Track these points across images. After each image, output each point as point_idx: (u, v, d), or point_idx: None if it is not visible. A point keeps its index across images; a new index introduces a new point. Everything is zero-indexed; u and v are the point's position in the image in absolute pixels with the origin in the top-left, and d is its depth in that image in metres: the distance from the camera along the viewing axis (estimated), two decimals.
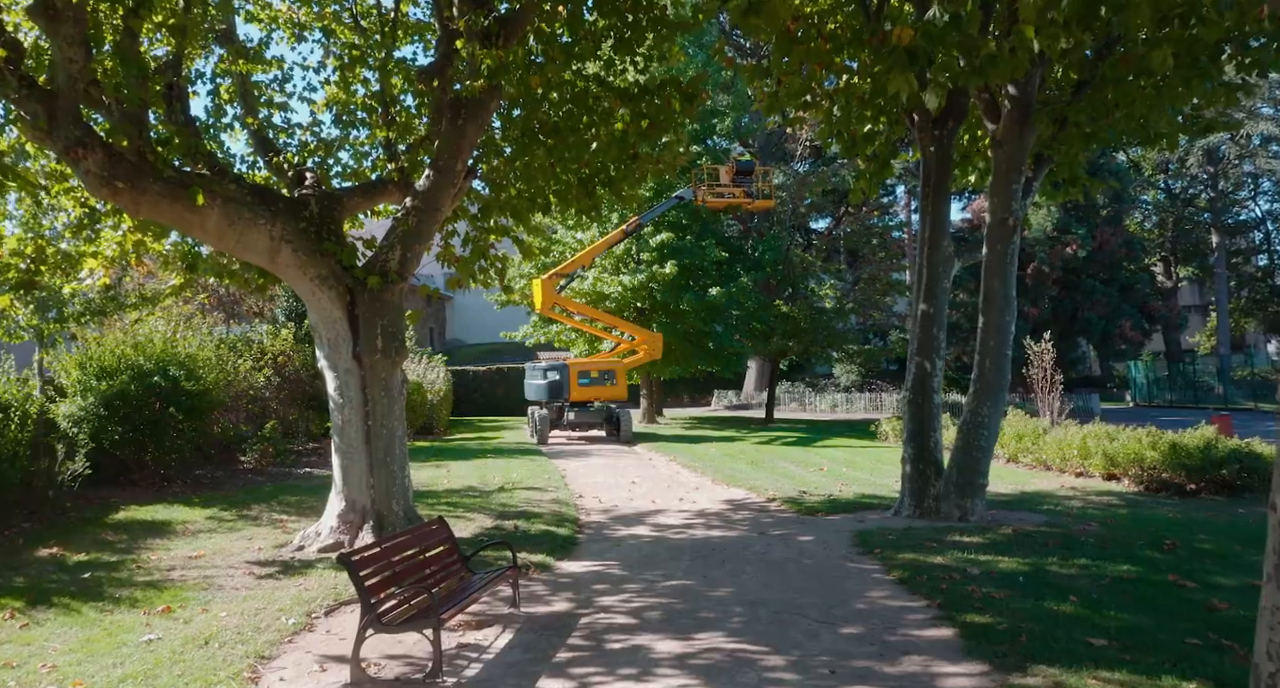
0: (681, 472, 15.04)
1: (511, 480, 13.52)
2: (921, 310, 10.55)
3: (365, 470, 9.33)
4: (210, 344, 16.45)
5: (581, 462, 16.58)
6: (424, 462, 16.32)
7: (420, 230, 9.63)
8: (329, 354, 9.44)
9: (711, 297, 23.09)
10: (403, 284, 9.51)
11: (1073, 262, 29.76)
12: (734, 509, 11.17)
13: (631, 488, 13.11)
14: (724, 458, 16.65)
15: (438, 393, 24.13)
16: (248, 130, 11.22)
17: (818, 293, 27.37)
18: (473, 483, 13.40)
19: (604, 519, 10.68)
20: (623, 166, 10.47)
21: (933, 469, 10.21)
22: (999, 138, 9.76)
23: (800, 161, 31.83)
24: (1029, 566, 7.73)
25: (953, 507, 9.88)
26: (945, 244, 10.58)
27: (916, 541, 8.72)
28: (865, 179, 11.15)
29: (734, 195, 23.57)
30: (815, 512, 10.66)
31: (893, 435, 20.14)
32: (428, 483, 13.48)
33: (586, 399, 20.48)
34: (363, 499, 9.34)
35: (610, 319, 22.16)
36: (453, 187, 9.71)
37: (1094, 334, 30.76)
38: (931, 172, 10.63)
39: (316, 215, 9.50)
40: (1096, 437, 13.94)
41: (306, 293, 9.30)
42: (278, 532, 10.08)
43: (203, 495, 12.73)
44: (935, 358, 10.44)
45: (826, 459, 16.56)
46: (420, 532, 6.85)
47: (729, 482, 13.41)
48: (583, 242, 23.93)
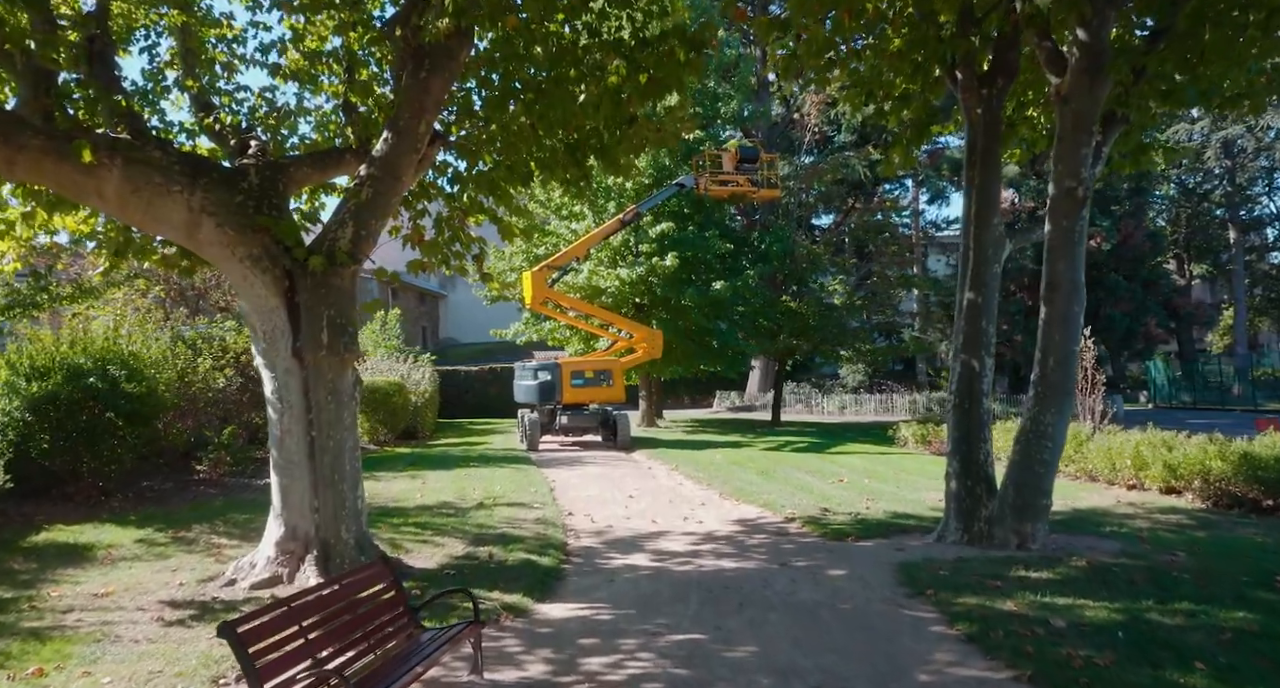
0: (685, 483, 13.48)
1: (493, 495, 11.96)
2: (967, 300, 9.00)
3: (308, 491, 7.78)
4: (163, 341, 14.89)
5: (573, 471, 15.02)
6: (399, 472, 14.76)
7: (377, 203, 8.08)
8: (265, 351, 7.89)
9: (715, 291, 21.51)
10: (355, 267, 7.96)
11: (1096, 256, 28.17)
12: (747, 532, 9.61)
13: (629, 504, 11.55)
14: (731, 467, 15.09)
15: (422, 395, 22.57)
16: (188, 95, 9.74)
17: (826, 289, 25.80)
18: (449, 498, 11.84)
19: (596, 544, 9.12)
20: (617, 131, 8.91)
21: (983, 487, 8.66)
22: (1064, 93, 8.20)
23: (806, 153, 30.24)
24: (1123, 614, 6.18)
25: (1009, 532, 8.33)
26: (995, 223, 9.04)
27: (975, 577, 7.16)
28: (900, 147, 9.60)
29: (738, 183, 22.02)
30: (844, 536, 9.09)
31: (913, 441, 18.61)
32: (398, 498, 11.92)
33: (580, 402, 18.90)
34: (305, 525, 7.78)
35: (606, 315, 20.57)
36: (415, 152, 8.16)
37: (1117, 333, 29.20)
38: (978, 138, 9.09)
39: (256, 187, 7.96)
40: (1152, 445, 12.40)
41: (236, 276, 7.74)
42: (210, 560, 8.54)
43: (143, 512, 11.19)
44: (984, 355, 8.89)
45: (844, 468, 15.00)
46: (354, 580, 5.28)
47: (739, 496, 11.85)
48: (577, 232, 22.36)
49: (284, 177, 8.37)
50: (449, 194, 9.61)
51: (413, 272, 8.71)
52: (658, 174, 22.38)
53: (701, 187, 21.28)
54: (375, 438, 19.95)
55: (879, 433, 23.19)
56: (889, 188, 34.86)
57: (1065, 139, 8.24)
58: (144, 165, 7.03)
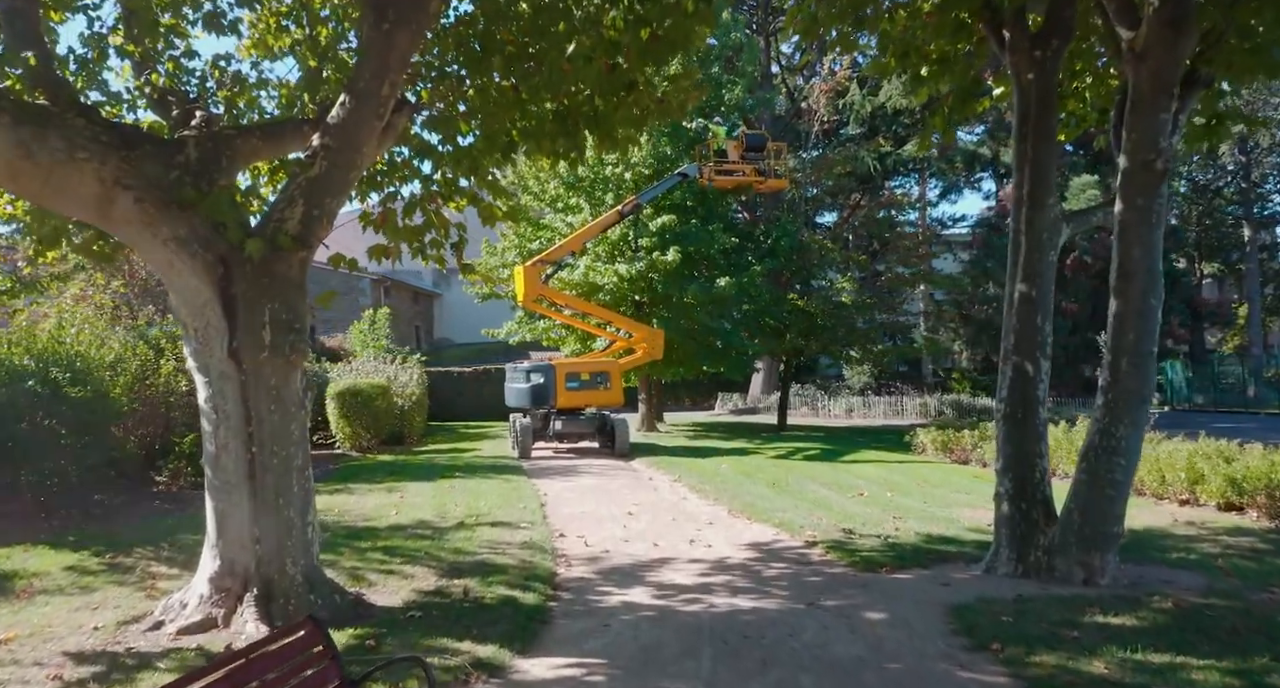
0: (689, 497, 12.26)
1: (476, 512, 10.74)
2: (1019, 293, 7.79)
3: (247, 518, 6.55)
4: (118, 340, 13.67)
5: (567, 482, 13.79)
6: (377, 483, 13.54)
7: (332, 178, 6.85)
8: (197, 352, 6.67)
9: (719, 288, 20.27)
10: (304, 253, 6.74)
11: None
12: (764, 558, 8.39)
13: (627, 522, 10.33)
14: (738, 478, 13.87)
15: (409, 397, 21.32)
16: (130, 61, 8.54)
17: (835, 286, 24.56)
18: (427, 515, 10.62)
19: (590, 574, 7.90)
20: (615, 98, 7.70)
21: (1040, 511, 7.44)
22: (1140, 49, 6.98)
23: (813, 147, 29.06)
24: (1240, 678, 4.97)
25: (1073, 564, 7.11)
26: (1050, 203, 7.83)
27: (1045, 625, 5.95)
28: (940, 117, 8.38)
29: (744, 173, 20.81)
30: (876, 566, 7.87)
31: (931, 448, 17.39)
32: (371, 515, 10.69)
33: (576, 406, 17.65)
34: (244, 558, 6.56)
35: (604, 313, 19.32)
36: (377, 119, 6.92)
37: None
38: (1030, 106, 7.87)
39: (194, 161, 6.74)
40: (1208, 456, 11.19)
41: (160, 263, 6.52)
42: (140, 596, 7.32)
43: (84, 531, 9.99)
44: (1039, 357, 7.68)
45: (861, 480, 13.78)
46: (271, 651, 4.05)
47: (750, 514, 10.63)
48: (573, 225, 21.12)
49: (228, 150, 7.13)
50: (422, 173, 8.44)
51: (375, 258, 7.49)
52: (658, 164, 21.16)
53: (705, 176, 20.06)
54: (357, 444, 18.73)
55: (892, 438, 21.98)
56: (897, 183, 33.66)
57: (1141, 103, 7.02)
58: (37, 127, 5.80)
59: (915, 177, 31.95)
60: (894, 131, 28.24)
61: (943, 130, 8.46)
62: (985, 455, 15.88)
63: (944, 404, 28.94)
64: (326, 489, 13.04)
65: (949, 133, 8.54)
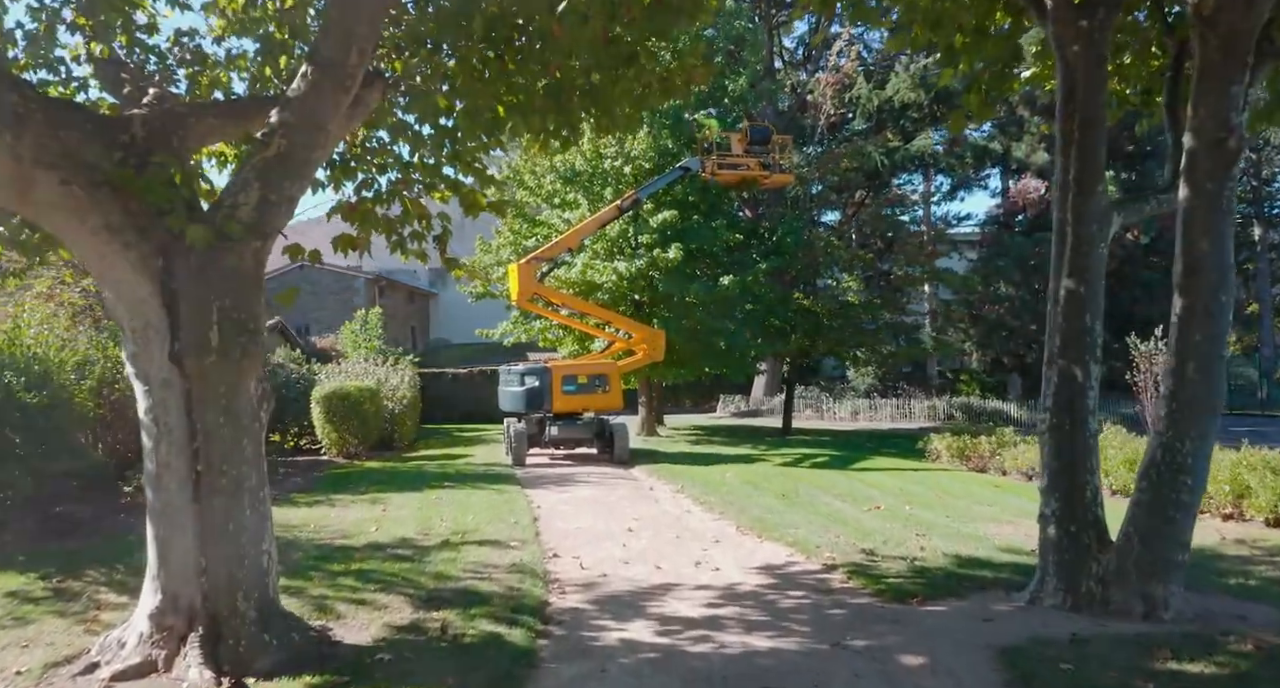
0: (693, 511, 11.43)
1: (463, 529, 9.91)
2: (1065, 290, 6.96)
3: (193, 547, 5.73)
4: (84, 340, 12.84)
5: (563, 494, 12.97)
6: (360, 494, 12.71)
7: (292, 159, 6.03)
8: (135, 356, 5.83)
9: (723, 287, 19.43)
10: (258, 243, 5.91)
11: (1133, 251, 26.18)
12: (778, 585, 7.57)
13: (627, 540, 9.50)
14: (745, 488, 13.04)
15: (400, 401, 20.49)
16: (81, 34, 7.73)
17: (841, 285, 23.72)
18: (409, 532, 9.79)
19: (585, 603, 7.08)
20: (614, 71, 6.88)
21: (1093, 534, 6.61)
22: (1208, 13, 6.16)
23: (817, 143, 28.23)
24: None
25: (1132, 596, 6.29)
26: (1100, 190, 7.01)
27: (1112, 672, 5.12)
28: (977, 93, 7.55)
29: (748, 167, 19.98)
30: (906, 595, 7.03)
31: (946, 455, 16.58)
32: (349, 532, 9.87)
33: (573, 410, 16.81)
34: (189, 593, 5.73)
35: (603, 313, 18.47)
36: (343, 91, 6.09)
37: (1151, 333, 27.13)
38: (1076, 81, 7.03)
39: (140, 141, 5.92)
40: (1254, 467, 10.37)
41: (90, 254, 5.68)
42: (79, 629, 6.50)
43: (38, 550, 9.19)
44: (1089, 361, 6.86)
45: (876, 490, 12.96)
46: None
47: (760, 530, 9.80)
48: (570, 222, 20.29)
49: (180, 129, 6.30)
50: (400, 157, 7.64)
51: (341, 250, 6.66)
52: (659, 158, 20.34)
53: (708, 171, 19.24)
54: (344, 450, 17.90)
55: (902, 443, 21.17)
56: (904, 180, 32.83)
57: (1209, 75, 6.20)
58: None
59: (922, 173, 31.06)
60: (901, 126, 27.41)
61: (978, 109, 7.64)
62: (1004, 463, 15.08)
63: (953, 407, 28.14)
64: (305, 501, 12.22)
65: (985, 110, 7.71)
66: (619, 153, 19.90)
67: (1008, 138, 27.89)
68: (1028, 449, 14.99)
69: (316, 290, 40.68)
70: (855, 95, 27.95)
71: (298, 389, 19.30)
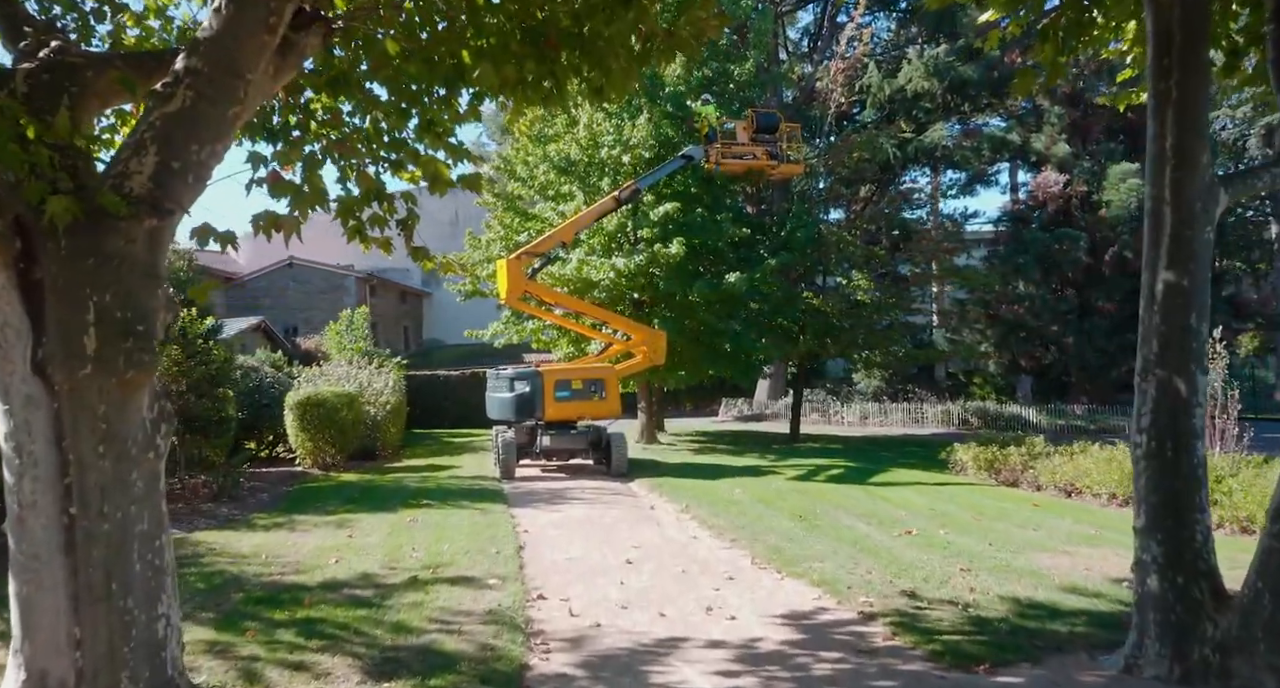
0: (700, 536, 10.11)
1: (436, 562, 8.59)
2: (1164, 284, 5.65)
3: (65, 609, 4.42)
4: None
5: (553, 513, 11.66)
6: (328, 514, 11.40)
7: (201, 117, 4.73)
8: None
9: (728, 285, 18.10)
10: (152, 223, 4.60)
11: None
12: (808, 641, 6.25)
13: (626, 576, 8.19)
14: (757, 508, 11.74)
15: (383, 406, 19.18)
16: None
17: (852, 283, 22.39)
18: (373, 566, 8.47)
19: (572, 667, 5.77)
20: (608, 12, 5.56)
21: (1205, 587, 5.31)
22: None
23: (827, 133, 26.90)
24: None
25: (1261, 669, 4.98)
26: (1205, 161, 5.70)
27: None
28: (1051, 44, 6.23)
29: (755, 157, 18.71)
30: (967, 658, 5.71)
31: (973, 467, 15.28)
32: (305, 565, 8.55)
33: (567, 418, 15.49)
34: (60, 670, 4.42)
35: (599, 313, 17.14)
36: (267, 32, 4.77)
37: None
38: (1173, 31, 5.73)
39: (23, 96, 4.66)
40: None
41: None
42: None
43: None
44: (1195, 371, 5.56)
45: (903, 511, 11.65)
46: None
47: (779, 563, 8.48)
48: (565, 214, 18.98)
49: (76, 83, 4.99)
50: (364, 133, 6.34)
51: (265, 232, 5.33)
52: (660, 147, 19.02)
53: (712, 160, 17.94)
54: (320, 461, 16.58)
55: (919, 452, 19.91)
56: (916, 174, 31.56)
57: None
58: None
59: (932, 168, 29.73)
60: (915, 117, 26.10)
61: (1051, 63, 6.32)
62: (1038, 477, 13.79)
63: (968, 411, 26.85)
64: (265, 523, 10.91)
65: (1058, 69, 6.40)
66: (616, 141, 18.59)
67: (1026, 129, 26.59)
68: (1063, 462, 13.72)
69: (306, 290, 39.44)
70: (866, 83, 26.64)
71: (272, 394, 18.00)
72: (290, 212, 5.42)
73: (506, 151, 21.67)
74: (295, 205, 5.38)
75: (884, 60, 28.55)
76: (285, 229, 5.21)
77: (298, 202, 5.43)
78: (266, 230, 5.23)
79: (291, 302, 39.38)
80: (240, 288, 38.85)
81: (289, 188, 5.29)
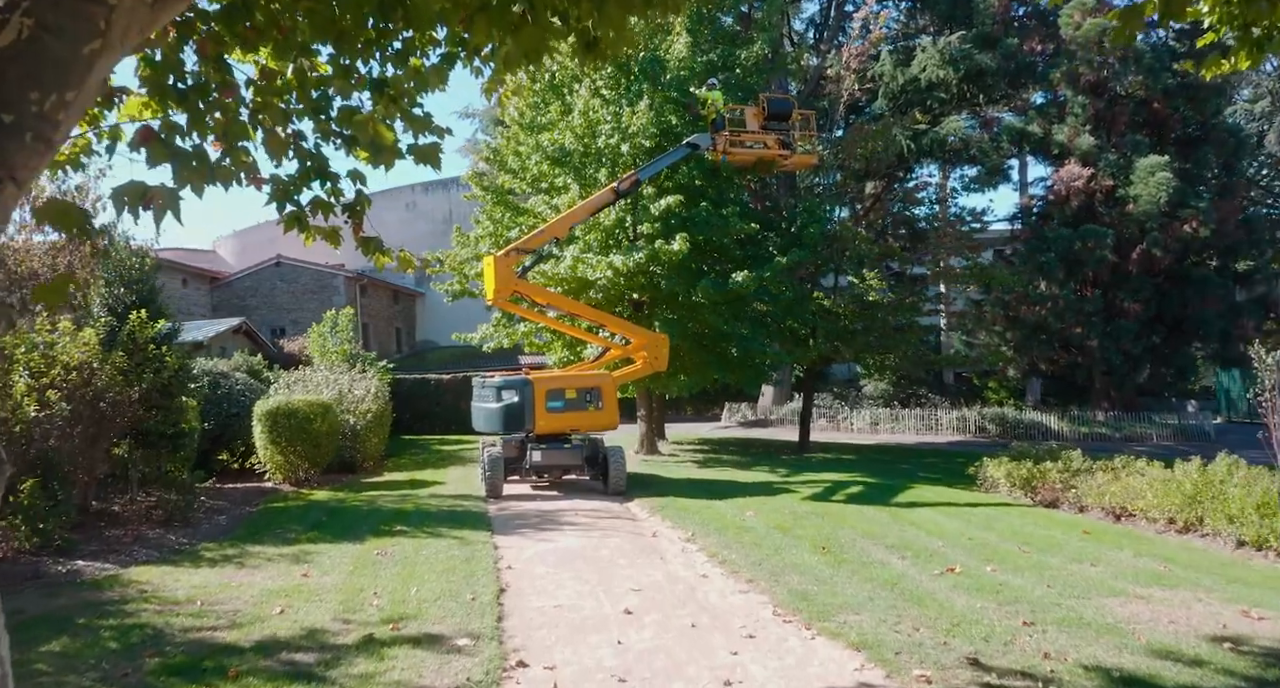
0: (711, 574, 8.76)
1: (400, 613, 7.24)
2: None
3: None
4: None
5: (542, 543, 10.31)
6: (287, 545, 10.05)
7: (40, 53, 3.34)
8: None
9: (736, 284, 16.76)
10: None
11: (1192, 244, 23.55)
12: None
13: (625, 632, 6.85)
14: (773, 536, 10.40)
15: (363, 415, 17.83)
16: None
17: (864, 282, 21.05)
18: (326, 618, 7.12)
19: None
20: None
21: None
22: None
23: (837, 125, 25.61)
24: None
25: None
26: None
27: None
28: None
29: (765, 146, 17.37)
30: None
31: (1005, 484, 13.96)
32: (243, 616, 7.19)
33: (559, 431, 14.15)
34: None
35: (595, 315, 15.78)
36: None
37: (1212, 336, 24.61)
38: None
39: None
40: None
41: None
42: None
43: None
44: None
45: (939, 540, 10.30)
46: None
47: (809, 614, 7.14)
48: (559, 208, 17.64)
49: None
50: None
51: (130, 206, 3.97)
52: (661, 136, 17.69)
53: (719, 149, 16.61)
54: (291, 476, 15.24)
55: (939, 464, 18.61)
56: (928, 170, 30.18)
57: None
58: None
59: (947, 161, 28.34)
60: (930, 107, 24.76)
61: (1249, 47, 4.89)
62: (1081, 497, 12.47)
63: (985, 419, 25.53)
64: (213, 555, 9.56)
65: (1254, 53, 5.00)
66: (615, 128, 17.25)
67: (1048, 120, 25.26)
68: (1108, 480, 12.39)
69: (294, 289, 38.15)
70: (878, 72, 25.31)
71: (242, 403, 16.64)
72: (176, 182, 4.08)
73: (498, 143, 20.35)
74: (181, 176, 4.03)
75: (894, 51, 27.24)
76: (158, 204, 3.85)
77: (185, 171, 4.08)
78: (133, 206, 3.87)
79: (280, 302, 38.12)
80: (226, 287, 37.65)
81: (165, 152, 3.94)
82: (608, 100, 17.78)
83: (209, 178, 4.07)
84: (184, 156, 3.96)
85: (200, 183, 4.25)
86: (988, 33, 24.94)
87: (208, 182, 4.26)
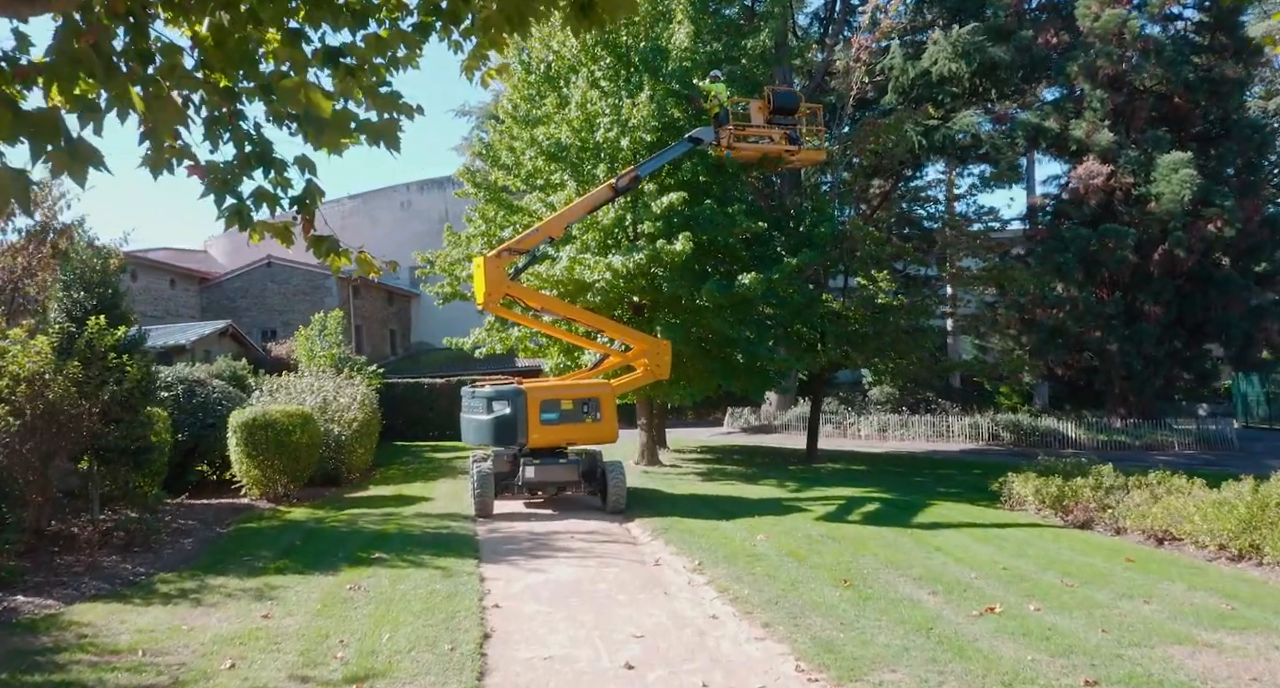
0: (723, 616, 7.82)
1: (370, 664, 6.31)
2: None
3: None
4: None
5: (534, 574, 9.37)
6: (253, 575, 9.12)
7: None
8: None
9: (742, 286, 15.82)
10: None
11: (1216, 244, 22.62)
12: None
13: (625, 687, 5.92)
14: (788, 566, 9.46)
15: (349, 425, 16.92)
16: None
17: (874, 284, 20.12)
18: (278, 677, 6.18)
19: None
20: None
21: None
22: None
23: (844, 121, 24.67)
24: None
25: None
26: None
27: None
28: None
29: (771, 140, 16.46)
30: None
31: (1033, 501, 13.03)
32: (186, 672, 6.26)
33: (555, 444, 13.21)
34: None
35: (593, 319, 14.82)
36: None
37: (1235, 339, 23.66)
38: None
39: None
40: None
41: None
42: None
43: None
44: None
45: (969, 567, 9.37)
46: None
47: (838, 672, 6.20)
48: (555, 206, 16.70)
49: None
50: None
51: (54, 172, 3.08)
52: (662, 130, 16.75)
53: (723, 143, 15.68)
54: (270, 492, 14.31)
55: (956, 476, 17.71)
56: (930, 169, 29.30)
57: None
58: None
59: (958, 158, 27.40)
60: (941, 102, 23.84)
61: None
62: (1119, 518, 11.54)
63: (998, 425, 24.60)
64: (167, 589, 8.64)
65: None
66: (614, 122, 16.32)
67: (1064, 116, 24.32)
68: (1145, 499, 11.48)
69: (285, 291, 37.22)
70: (888, 65, 24.39)
71: (218, 413, 15.70)
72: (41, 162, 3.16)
73: (490, 137, 19.42)
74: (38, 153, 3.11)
75: (903, 44, 26.35)
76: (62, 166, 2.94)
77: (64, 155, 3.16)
78: (59, 169, 2.96)
79: (271, 303, 37.20)
80: (216, 288, 36.78)
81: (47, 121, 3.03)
82: (606, 92, 16.86)
83: (81, 158, 3.13)
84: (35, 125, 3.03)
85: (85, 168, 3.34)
86: (1000, 24, 24.05)
87: (92, 165, 3.33)
